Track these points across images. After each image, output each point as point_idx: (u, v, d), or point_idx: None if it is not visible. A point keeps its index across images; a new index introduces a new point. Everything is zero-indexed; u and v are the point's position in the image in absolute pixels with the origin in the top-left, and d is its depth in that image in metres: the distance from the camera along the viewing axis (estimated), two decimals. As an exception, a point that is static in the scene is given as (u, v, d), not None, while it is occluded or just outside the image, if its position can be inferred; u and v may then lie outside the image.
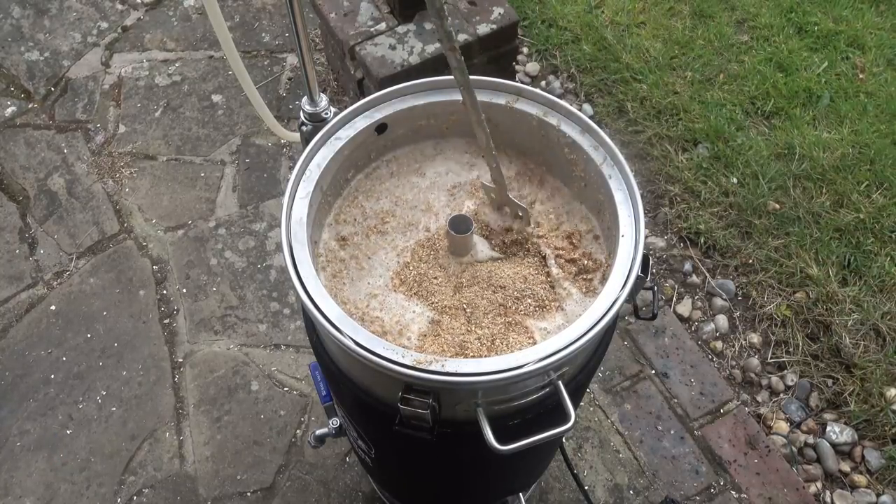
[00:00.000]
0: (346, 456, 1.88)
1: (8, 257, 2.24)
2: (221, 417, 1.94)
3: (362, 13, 2.25)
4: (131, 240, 2.27)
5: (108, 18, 2.82)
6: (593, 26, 2.69)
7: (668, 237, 2.26)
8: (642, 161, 2.40)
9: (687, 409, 1.95)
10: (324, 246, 1.11)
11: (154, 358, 2.04)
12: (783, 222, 2.21)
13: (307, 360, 2.03)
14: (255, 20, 2.81)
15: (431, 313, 1.04)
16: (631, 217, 1.02)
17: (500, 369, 0.87)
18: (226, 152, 2.46)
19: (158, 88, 2.62)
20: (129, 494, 1.84)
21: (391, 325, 1.03)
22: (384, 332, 1.02)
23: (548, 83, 2.65)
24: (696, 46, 2.63)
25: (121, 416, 1.95)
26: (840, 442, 1.89)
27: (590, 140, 1.10)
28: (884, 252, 2.13)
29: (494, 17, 2.21)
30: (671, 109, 2.47)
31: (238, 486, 1.85)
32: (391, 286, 1.08)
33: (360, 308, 1.05)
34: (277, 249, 2.23)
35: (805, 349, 2.02)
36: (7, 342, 2.07)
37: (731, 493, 1.83)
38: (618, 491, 1.83)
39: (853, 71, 2.59)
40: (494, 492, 1.47)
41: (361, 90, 2.27)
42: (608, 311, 0.93)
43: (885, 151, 2.33)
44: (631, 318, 2.07)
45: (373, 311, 1.05)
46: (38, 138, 2.50)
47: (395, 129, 1.16)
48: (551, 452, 1.57)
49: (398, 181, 1.19)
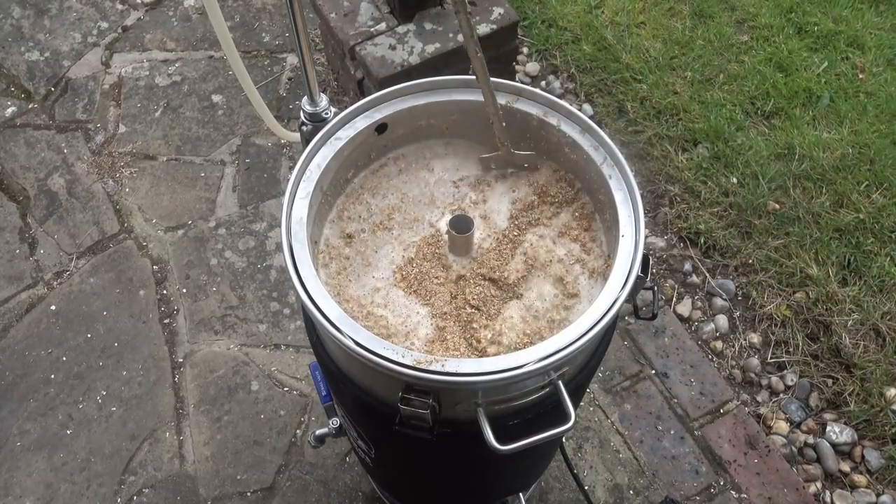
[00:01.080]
0: (346, 456, 1.88)
1: (8, 257, 2.24)
2: (221, 417, 1.95)
3: (362, 13, 2.25)
4: (131, 240, 2.27)
5: (108, 18, 2.82)
6: (593, 26, 2.69)
7: (668, 237, 2.26)
8: (642, 161, 2.40)
9: (687, 409, 1.95)
10: (325, 243, 1.11)
11: (154, 358, 2.04)
12: (783, 222, 2.21)
13: (307, 360, 2.03)
14: (255, 20, 2.81)
15: (434, 309, 1.04)
16: (631, 217, 1.02)
17: (500, 369, 0.88)
18: (226, 152, 2.46)
19: (158, 88, 2.62)
20: (129, 494, 1.84)
21: (395, 324, 1.03)
22: (388, 335, 1.02)
23: (548, 83, 2.65)
24: (696, 46, 2.63)
25: (121, 416, 1.95)
26: (840, 442, 1.89)
27: (590, 140, 1.10)
28: (884, 252, 2.13)
29: (494, 17, 2.21)
30: (671, 109, 2.47)
31: (238, 486, 1.85)
32: (394, 280, 1.08)
33: (365, 305, 1.05)
34: (277, 249, 2.23)
35: (805, 349, 2.02)
36: (7, 342, 2.07)
37: (731, 493, 1.83)
38: (618, 491, 1.83)
39: (853, 71, 2.59)
40: (494, 492, 1.48)
41: (361, 90, 2.27)
42: (608, 311, 0.93)
43: (885, 151, 2.33)
44: (631, 318, 2.07)
45: (377, 310, 1.05)
46: (38, 138, 2.50)
47: (395, 129, 1.16)
48: (551, 452, 1.57)
49: (406, 178, 1.19)
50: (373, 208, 1.15)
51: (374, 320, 1.03)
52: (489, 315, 1.04)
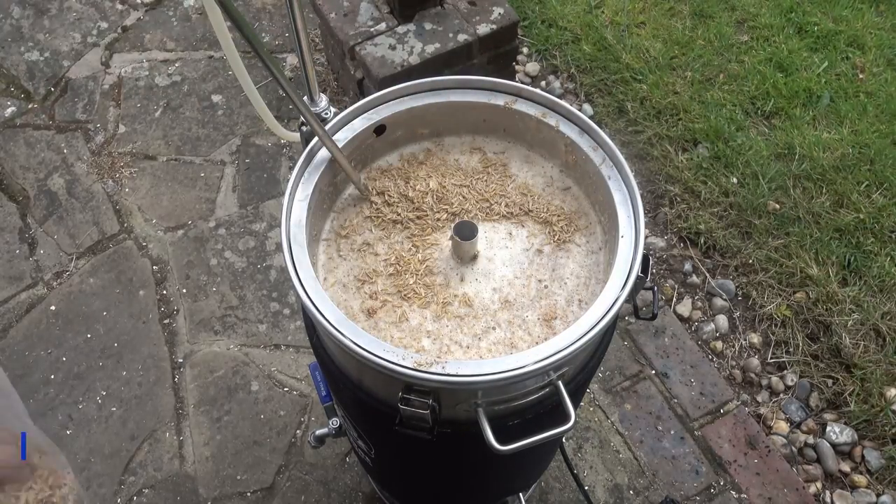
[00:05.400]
0: (346, 456, 1.88)
1: (8, 257, 2.24)
2: (221, 418, 1.95)
3: (362, 13, 2.25)
4: (131, 240, 2.27)
5: (108, 18, 2.82)
6: (593, 26, 2.69)
7: (668, 237, 2.26)
8: (642, 161, 2.40)
9: (687, 409, 1.95)
10: (325, 243, 1.11)
11: (154, 358, 2.04)
12: (783, 222, 2.21)
13: (307, 360, 2.03)
14: (255, 20, 2.81)
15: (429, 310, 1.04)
16: (630, 218, 1.02)
17: (500, 370, 0.87)
18: (226, 152, 2.46)
19: (158, 88, 2.62)
20: (129, 495, 1.84)
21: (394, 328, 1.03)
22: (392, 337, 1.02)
23: (548, 83, 2.65)
24: (696, 46, 2.63)
25: (121, 416, 1.95)
26: (840, 442, 1.89)
27: (589, 141, 1.09)
28: (884, 252, 2.13)
29: (494, 17, 2.21)
30: (671, 109, 2.47)
31: (238, 487, 1.85)
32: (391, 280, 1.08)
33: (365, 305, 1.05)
34: (277, 249, 2.23)
35: (805, 349, 2.02)
36: (7, 342, 2.07)
37: (731, 494, 1.83)
38: (618, 491, 1.83)
39: (853, 71, 2.59)
40: (494, 492, 1.48)
41: (361, 90, 2.27)
42: (608, 311, 0.93)
43: (885, 151, 2.33)
44: (631, 318, 2.07)
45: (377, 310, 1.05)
46: (38, 138, 2.50)
47: (394, 129, 1.16)
48: (551, 453, 1.57)
49: (406, 177, 1.18)
50: (373, 209, 1.15)
51: (374, 321, 1.03)
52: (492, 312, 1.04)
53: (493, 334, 1.01)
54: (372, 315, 1.03)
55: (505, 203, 1.14)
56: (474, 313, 1.03)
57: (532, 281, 1.06)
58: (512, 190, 1.16)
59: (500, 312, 1.03)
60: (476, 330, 1.01)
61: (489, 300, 1.04)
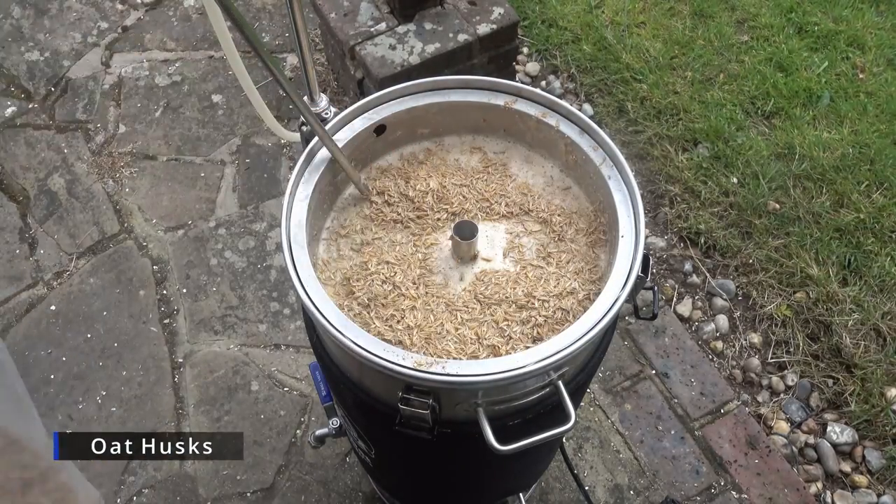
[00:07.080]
0: (346, 456, 1.88)
1: (8, 257, 2.24)
2: (221, 417, 1.94)
3: (362, 13, 2.25)
4: (131, 240, 2.27)
5: (108, 18, 2.82)
6: (593, 26, 2.69)
7: (668, 237, 2.26)
8: (642, 161, 2.40)
9: (687, 409, 1.95)
10: (326, 243, 1.11)
11: (154, 358, 2.04)
12: (783, 222, 2.21)
13: (307, 360, 2.03)
14: (255, 20, 2.81)
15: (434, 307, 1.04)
16: (630, 218, 1.02)
17: (500, 370, 0.87)
18: (226, 152, 2.46)
19: (158, 88, 2.62)
20: (129, 494, 1.84)
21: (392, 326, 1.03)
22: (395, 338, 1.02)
23: (548, 83, 2.65)
24: (696, 46, 2.63)
25: (120, 416, 1.95)
26: (840, 442, 1.89)
27: (589, 140, 1.09)
28: (884, 252, 2.13)
29: (494, 17, 2.21)
30: (671, 109, 2.47)
31: (238, 487, 1.85)
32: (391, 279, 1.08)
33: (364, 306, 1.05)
34: (277, 249, 2.23)
35: (805, 349, 2.02)
36: (7, 342, 2.07)
37: (732, 494, 1.83)
38: (618, 491, 1.83)
39: (853, 71, 2.59)
40: (494, 492, 1.47)
41: (361, 90, 2.27)
42: (608, 311, 0.93)
43: (885, 151, 2.33)
44: (631, 318, 2.07)
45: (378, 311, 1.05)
46: (38, 138, 2.50)
47: (394, 129, 1.16)
48: (551, 453, 1.57)
49: (406, 177, 1.18)
50: (373, 209, 1.15)
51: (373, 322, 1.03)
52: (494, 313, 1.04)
53: (493, 334, 1.01)
54: (372, 315, 1.03)
55: (505, 203, 1.14)
56: (474, 313, 1.03)
57: (532, 280, 1.06)
58: (512, 190, 1.16)
59: (500, 312, 1.03)
60: (476, 330, 1.01)
61: (489, 300, 1.04)
